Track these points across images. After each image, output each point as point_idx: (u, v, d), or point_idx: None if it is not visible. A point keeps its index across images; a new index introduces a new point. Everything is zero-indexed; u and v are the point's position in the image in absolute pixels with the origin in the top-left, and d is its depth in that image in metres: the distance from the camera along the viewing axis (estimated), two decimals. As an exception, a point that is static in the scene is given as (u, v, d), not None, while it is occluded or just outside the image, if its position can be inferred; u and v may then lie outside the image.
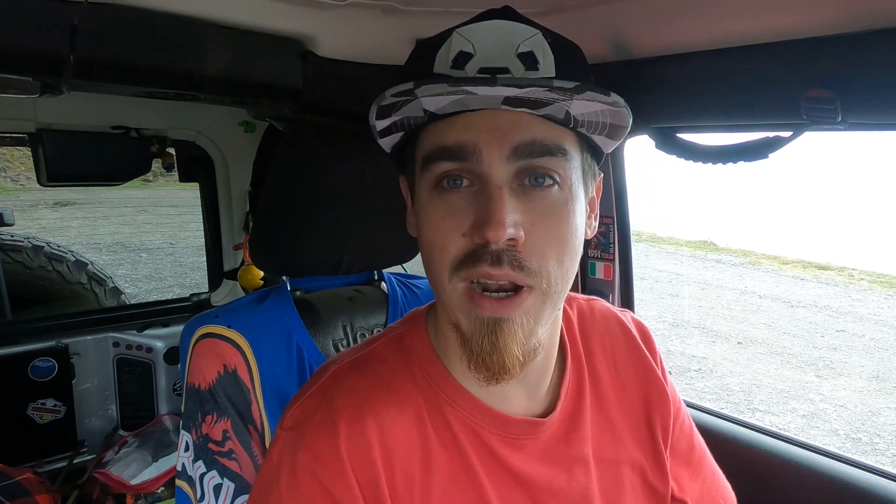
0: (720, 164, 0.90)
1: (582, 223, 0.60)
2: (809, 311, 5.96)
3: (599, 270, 1.37)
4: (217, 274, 2.09)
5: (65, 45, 0.74)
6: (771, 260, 8.01)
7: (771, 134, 0.84)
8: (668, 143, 0.98)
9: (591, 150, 0.63)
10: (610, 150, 0.64)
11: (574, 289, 1.50)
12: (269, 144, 1.89)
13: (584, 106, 0.54)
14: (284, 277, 0.96)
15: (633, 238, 1.37)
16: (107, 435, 1.79)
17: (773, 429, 1.14)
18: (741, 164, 0.88)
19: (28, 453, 1.67)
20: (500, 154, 0.54)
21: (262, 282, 1.90)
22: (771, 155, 0.85)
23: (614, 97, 0.52)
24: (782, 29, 0.76)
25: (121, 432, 1.81)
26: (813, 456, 1.04)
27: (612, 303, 1.36)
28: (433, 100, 0.53)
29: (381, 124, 0.58)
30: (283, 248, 0.90)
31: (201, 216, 2.11)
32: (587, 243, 1.39)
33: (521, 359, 0.56)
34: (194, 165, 2.00)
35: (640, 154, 1.32)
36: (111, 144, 1.77)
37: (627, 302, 1.37)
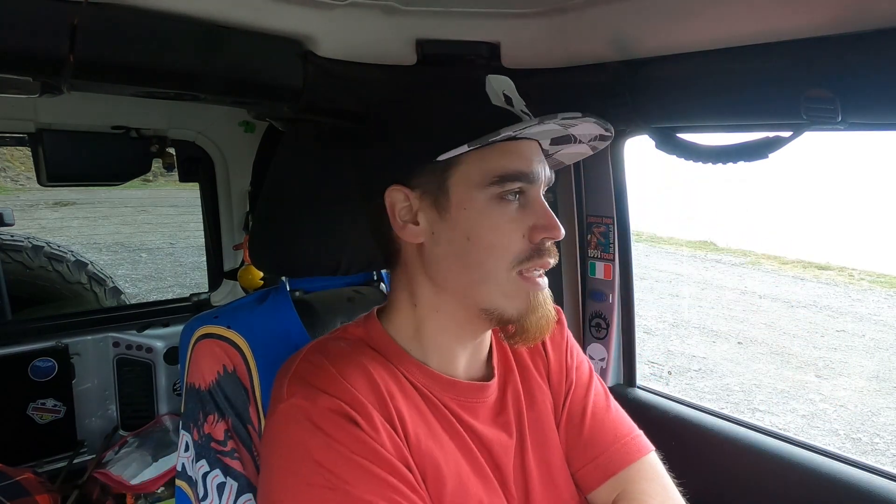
0: (720, 164, 0.90)
1: None
2: (809, 311, 5.95)
3: (599, 270, 1.37)
4: (217, 274, 2.09)
5: (65, 45, 0.74)
6: (771, 260, 8.00)
7: (771, 134, 0.84)
8: (668, 143, 0.98)
9: None
10: None
11: (574, 288, 1.50)
12: (269, 144, 1.89)
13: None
14: (284, 278, 0.97)
15: (633, 238, 1.37)
16: (107, 435, 1.79)
17: (773, 429, 1.14)
18: (741, 164, 0.88)
19: (28, 453, 1.67)
20: (545, 179, 0.75)
21: (262, 282, 1.90)
22: (771, 155, 0.85)
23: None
24: (782, 29, 0.76)
25: (121, 432, 1.81)
26: (813, 456, 1.04)
27: (612, 303, 1.36)
28: (511, 129, 0.68)
29: (462, 149, 0.68)
30: (282, 248, 0.90)
31: (201, 216, 2.11)
32: (587, 243, 1.39)
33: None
34: (194, 165, 2.00)
35: (640, 154, 1.32)
36: (111, 144, 1.77)
37: (627, 302, 1.37)
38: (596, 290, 1.38)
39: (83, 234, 7.62)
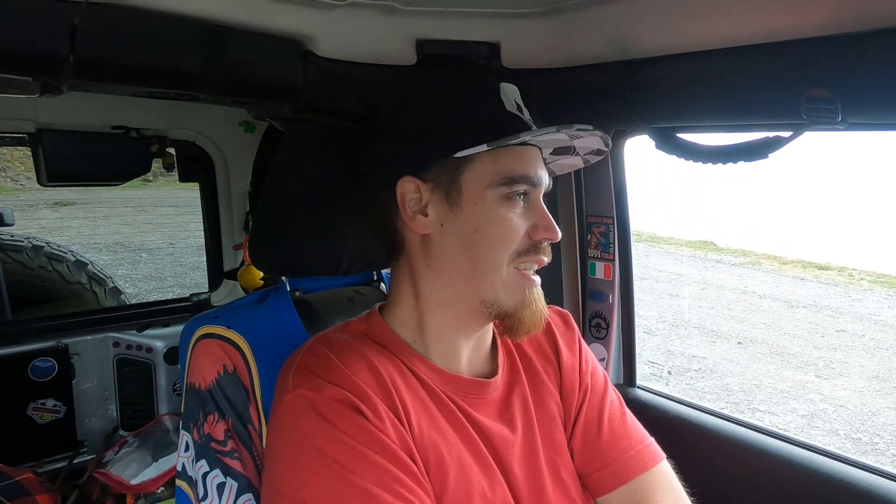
0: (720, 164, 0.91)
1: None
2: (809, 311, 5.95)
3: (599, 270, 1.37)
4: (217, 274, 2.08)
5: (65, 45, 0.74)
6: (771, 260, 8.00)
7: (771, 134, 0.84)
8: (668, 143, 0.98)
9: None
10: None
11: (574, 288, 1.50)
12: (269, 144, 1.89)
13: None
14: (284, 278, 0.97)
15: (633, 238, 1.37)
16: (107, 435, 1.79)
17: (774, 429, 1.14)
18: (741, 164, 0.88)
19: (28, 453, 1.67)
20: (545, 185, 0.79)
21: (262, 282, 1.90)
22: (771, 155, 0.85)
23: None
24: (782, 29, 0.76)
25: (121, 432, 1.81)
26: (813, 456, 1.04)
27: (612, 303, 1.36)
28: (529, 134, 0.73)
29: (481, 148, 0.73)
30: (282, 248, 0.90)
31: (201, 216, 2.11)
32: (587, 243, 1.39)
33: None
34: (194, 165, 2.00)
35: (640, 154, 1.32)
36: (111, 144, 1.77)
37: (627, 301, 1.37)
38: (596, 290, 1.38)
39: (83, 234, 7.62)
